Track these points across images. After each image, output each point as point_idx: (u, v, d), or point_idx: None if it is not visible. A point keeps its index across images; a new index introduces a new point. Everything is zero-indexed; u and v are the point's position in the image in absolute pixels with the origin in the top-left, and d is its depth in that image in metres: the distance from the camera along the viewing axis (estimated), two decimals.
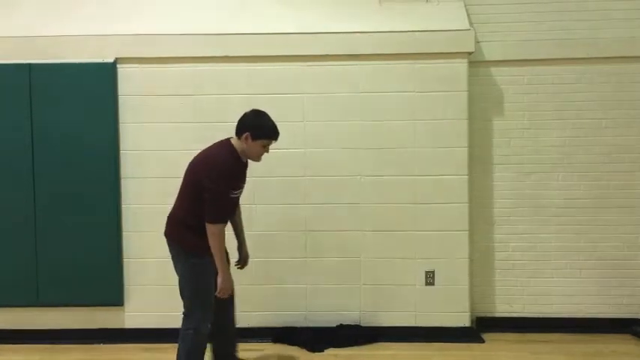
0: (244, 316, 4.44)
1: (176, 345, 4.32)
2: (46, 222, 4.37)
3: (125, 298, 4.45)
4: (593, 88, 4.56)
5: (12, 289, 4.39)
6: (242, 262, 3.70)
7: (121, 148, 4.42)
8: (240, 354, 4.19)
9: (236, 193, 3.37)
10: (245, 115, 3.40)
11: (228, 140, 3.39)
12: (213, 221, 3.24)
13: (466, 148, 4.38)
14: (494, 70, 4.59)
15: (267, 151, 3.41)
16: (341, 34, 4.37)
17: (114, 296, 4.42)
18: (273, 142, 3.39)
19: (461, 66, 4.37)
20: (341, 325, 4.43)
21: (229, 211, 3.39)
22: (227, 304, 3.52)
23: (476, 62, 4.50)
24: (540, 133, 4.58)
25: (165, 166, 4.41)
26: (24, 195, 4.36)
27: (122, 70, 4.40)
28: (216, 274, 3.33)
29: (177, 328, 4.37)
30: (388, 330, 4.41)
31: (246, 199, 4.39)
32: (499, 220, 4.62)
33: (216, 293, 3.34)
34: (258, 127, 3.32)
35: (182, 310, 3.42)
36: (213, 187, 3.19)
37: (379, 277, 4.44)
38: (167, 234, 3.45)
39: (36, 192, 4.36)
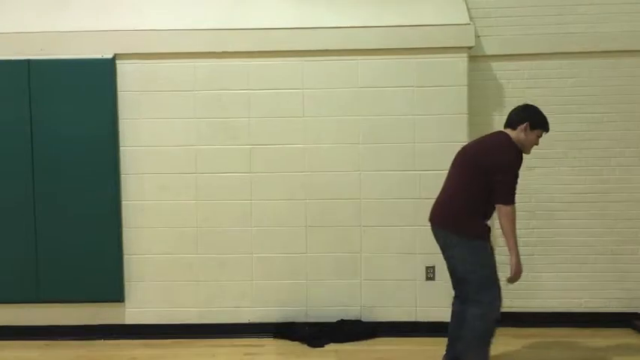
0: (245, 312, 4.46)
1: (176, 340, 4.36)
2: (46, 218, 4.37)
3: (126, 294, 4.45)
4: (594, 82, 4.55)
5: (12, 286, 4.39)
6: None
7: (121, 144, 4.41)
8: (240, 349, 4.21)
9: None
10: (518, 108, 3.50)
11: (503, 131, 3.46)
12: (509, 202, 3.27)
13: (466, 143, 4.36)
14: (494, 64, 4.58)
15: (538, 143, 3.48)
16: (340, 29, 4.35)
17: (114, 292, 4.41)
18: (545, 133, 3.48)
19: (461, 60, 4.36)
20: (342, 320, 4.43)
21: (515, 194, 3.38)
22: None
23: (476, 57, 4.49)
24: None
25: (165, 162, 4.42)
26: (24, 191, 4.35)
27: (121, 65, 4.39)
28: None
29: (177, 324, 4.43)
30: (389, 325, 4.42)
31: (246, 194, 4.42)
32: None
33: (509, 277, 3.33)
34: (537, 118, 3.42)
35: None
36: (509, 170, 3.28)
37: (380, 273, 4.44)
38: (443, 224, 3.47)
39: (35, 188, 4.36)
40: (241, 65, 4.40)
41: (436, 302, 4.41)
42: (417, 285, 4.43)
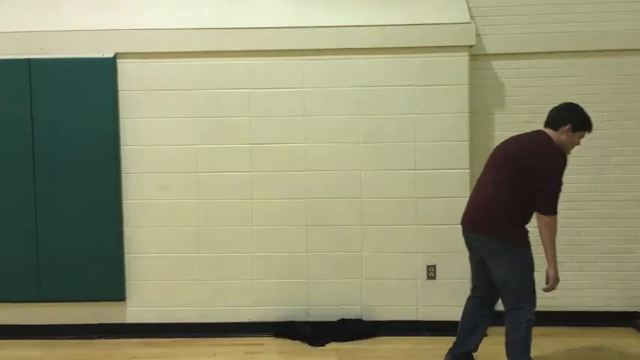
0: (245, 311, 4.46)
1: (177, 339, 4.37)
2: (46, 218, 4.37)
3: (126, 293, 4.45)
4: (594, 81, 4.55)
5: (13, 285, 4.39)
6: None
7: (122, 143, 4.41)
8: (241, 348, 4.20)
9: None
10: (559, 107, 3.36)
11: (542, 131, 3.32)
12: (551, 212, 3.15)
13: (467, 142, 4.37)
14: (495, 63, 4.57)
15: (579, 144, 3.36)
16: (340, 28, 4.35)
17: (115, 291, 4.41)
18: (587, 133, 3.34)
19: (462, 59, 4.36)
20: (343, 319, 4.42)
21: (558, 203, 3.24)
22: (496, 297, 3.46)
23: (477, 55, 4.48)
24: (541, 127, 4.55)
25: (166, 161, 4.42)
26: (25, 191, 4.35)
27: (122, 65, 4.39)
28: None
29: (178, 323, 4.43)
30: (389, 324, 4.41)
31: (247, 193, 4.42)
32: None
33: (545, 286, 3.27)
34: (581, 120, 3.28)
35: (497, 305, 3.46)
36: (552, 177, 3.14)
37: (380, 272, 4.44)
38: (481, 228, 3.32)
39: (37, 188, 4.36)
40: (241, 64, 4.40)
41: (437, 301, 4.41)
42: (417, 284, 4.43)
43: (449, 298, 4.40)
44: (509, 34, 4.54)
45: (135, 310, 4.46)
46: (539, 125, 4.51)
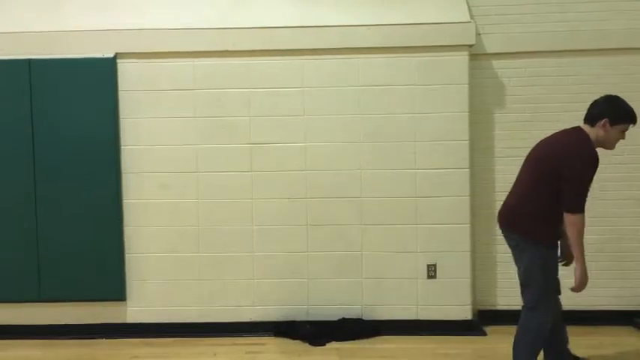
0: (246, 310, 4.46)
1: (177, 339, 4.37)
2: (47, 217, 4.37)
3: (127, 293, 4.45)
4: (595, 80, 4.53)
5: (14, 285, 4.39)
6: (567, 257, 3.44)
7: (122, 143, 4.41)
8: (242, 348, 4.20)
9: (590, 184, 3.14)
10: (598, 101, 3.23)
11: (579, 128, 3.20)
12: (576, 211, 3.06)
13: (467, 141, 4.37)
14: (495, 62, 4.57)
15: (624, 137, 3.21)
16: (341, 28, 4.35)
17: (116, 291, 4.41)
18: (631, 126, 3.19)
19: (462, 59, 4.36)
20: (343, 319, 4.43)
21: (585, 202, 3.14)
22: (558, 299, 3.40)
23: (477, 55, 4.48)
24: (542, 126, 4.52)
25: (166, 161, 4.42)
26: (25, 191, 4.35)
27: (122, 65, 4.39)
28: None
29: (178, 323, 4.43)
30: (390, 323, 4.41)
31: (247, 193, 4.42)
32: None
33: (572, 287, 3.19)
34: (618, 112, 3.14)
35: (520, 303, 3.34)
36: (577, 176, 3.05)
37: (381, 271, 4.44)
38: (509, 225, 3.32)
39: (37, 187, 4.36)
40: (242, 64, 4.40)
41: (438, 300, 4.41)
42: (418, 283, 4.43)
43: (449, 297, 4.41)
44: (509, 33, 4.54)
45: (135, 309, 4.46)
46: (538, 125, 4.56)
